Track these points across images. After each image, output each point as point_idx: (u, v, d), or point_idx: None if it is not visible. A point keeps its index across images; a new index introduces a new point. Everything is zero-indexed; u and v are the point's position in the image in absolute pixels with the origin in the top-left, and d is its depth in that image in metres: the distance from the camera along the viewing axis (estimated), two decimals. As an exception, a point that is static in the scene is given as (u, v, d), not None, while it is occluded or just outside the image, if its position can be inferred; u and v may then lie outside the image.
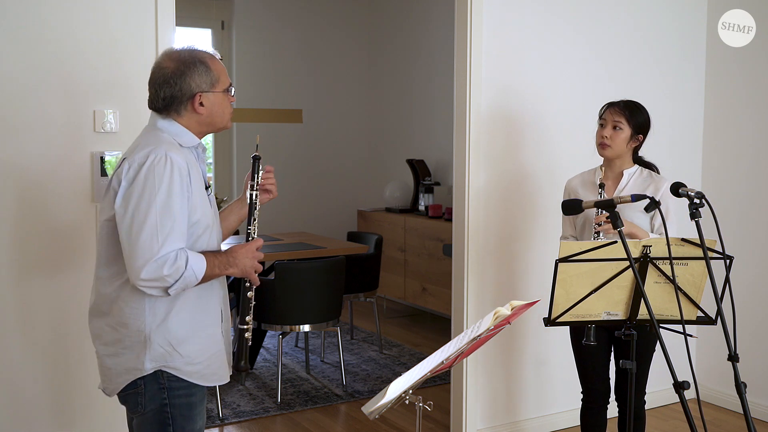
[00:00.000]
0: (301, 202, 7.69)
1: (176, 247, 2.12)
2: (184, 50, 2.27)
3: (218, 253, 2.27)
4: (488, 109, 3.92)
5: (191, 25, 7.33)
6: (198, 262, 2.16)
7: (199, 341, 2.27)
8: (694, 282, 2.66)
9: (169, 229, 2.10)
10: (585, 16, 4.20)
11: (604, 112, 3.24)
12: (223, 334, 2.38)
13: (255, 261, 2.30)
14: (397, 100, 7.69)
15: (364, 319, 6.77)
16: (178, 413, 2.25)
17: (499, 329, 2.21)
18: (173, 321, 2.22)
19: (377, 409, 2.10)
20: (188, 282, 2.15)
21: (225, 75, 2.30)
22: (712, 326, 2.75)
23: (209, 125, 2.31)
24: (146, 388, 2.22)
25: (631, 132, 3.18)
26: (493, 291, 4.02)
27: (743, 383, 2.28)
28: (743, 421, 2.31)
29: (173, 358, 2.22)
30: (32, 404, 3.11)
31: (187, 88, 2.22)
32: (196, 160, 2.29)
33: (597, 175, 3.26)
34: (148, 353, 2.20)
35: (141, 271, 2.08)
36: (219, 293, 2.36)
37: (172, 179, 2.12)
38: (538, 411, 4.24)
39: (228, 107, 2.32)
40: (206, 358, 2.29)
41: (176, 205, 2.12)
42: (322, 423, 4.40)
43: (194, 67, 2.22)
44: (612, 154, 3.20)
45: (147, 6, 3.19)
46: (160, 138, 2.21)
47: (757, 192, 4.43)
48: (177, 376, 2.23)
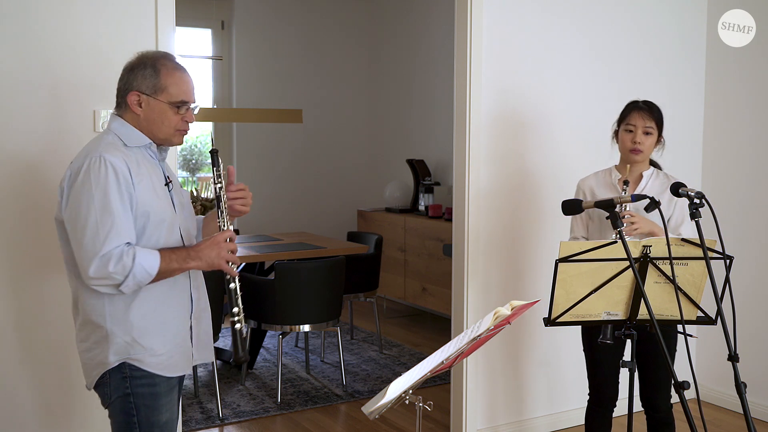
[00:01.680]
0: (301, 202, 7.69)
1: (119, 243, 2.14)
2: (153, 52, 2.35)
3: (177, 248, 2.29)
4: (488, 109, 3.92)
5: (191, 25, 7.33)
6: (148, 258, 2.18)
7: (161, 333, 2.31)
8: (694, 282, 2.66)
9: (109, 226, 2.14)
10: (585, 16, 4.20)
11: (629, 115, 3.16)
12: (192, 325, 2.41)
13: (224, 251, 2.29)
14: (397, 100, 7.69)
15: (364, 319, 6.77)
16: (142, 403, 2.29)
17: (499, 329, 2.21)
18: (134, 314, 2.25)
19: (377, 409, 2.10)
20: (140, 279, 2.17)
21: (180, 89, 2.29)
22: (712, 326, 2.75)
23: (149, 131, 2.31)
24: (111, 378, 2.28)
25: (658, 135, 3.16)
26: (493, 291, 4.02)
27: (743, 383, 2.28)
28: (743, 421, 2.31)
29: (135, 350, 2.26)
30: (25, 405, 3.10)
31: (129, 83, 2.28)
32: (152, 158, 2.33)
33: (614, 176, 3.24)
34: (111, 347, 2.25)
35: (88, 270, 2.14)
36: (186, 284, 2.38)
37: (108, 179, 2.15)
38: (538, 411, 4.24)
39: (172, 122, 2.30)
40: (168, 350, 2.32)
41: (114, 203, 2.15)
42: (322, 423, 4.40)
43: (143, 68, 2.27)
44: (643, 159, 3.16)
45: (147, 6, 3.19)
46: (103, 141, 2.26)
47: (757, 192, 4.43)
48: (139, 367, 2.27)
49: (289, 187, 7.65)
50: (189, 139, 7.70)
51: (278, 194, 7.58)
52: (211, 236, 2.34)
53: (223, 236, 2.31)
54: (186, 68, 2.35)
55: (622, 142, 3.20)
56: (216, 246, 2.29)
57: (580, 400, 4.31)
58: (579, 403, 4.30)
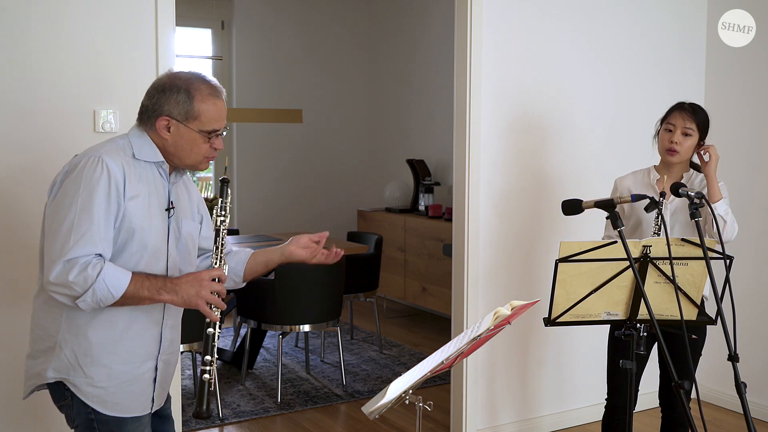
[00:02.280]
0: (301, 202, 7.69)
1: (90, 252, 1.98)
2: (186, 74, 2.17)
3: (154, 276, 2.09)
4: (488, 109, 3.92)
5: (191, 25, 7.33)
6: (116, 276, 1.99)
7: (109, 365, 2.11)
8: (694, 282, 2.66)
9: (84, 230, 1.98)
10: (585, 16, 4.20)
11: (671, 114, 3.13)
12: (158, 366, 2.22)
13: (206, 291, 2.08)
14: (397, 100, 7.69)
15: (364, 319, 6.77)
16: (107, 429, 2.14)
17: (499, 329, 2.21)
18: (88, 335, 2.08)
19: (377, 409, 2.10)
20: (101, 296, 1.98)
21: (213, 118, 2.13)
22: (712, 326, 2.75)
23: (174, 156, 2.16)
24: (74, 400, 2.12)
25: (698, 138, 3.12)
26: (493, 291, 4.02)
27: (743, 383, 2.28)
28: (743, 421, 2.31)
29: (76, 374, 2.09)
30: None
31: (159, 106, 2.12)
32: (161, 178, 2.18)
33: (652, 176, 3.21)
34: (53, 361, 2.09)
35: (50, 272, 1.97)
36: (158, 320, 2.19)
37: (98, 182, 2.01)
38: (539, 411, 4.24)
39: (201, 150, 2.15)
40: (111, 385, 2.13)
41: (97, 208, 2.00)
42: (322, 423, 4.40)
43: (176, 92, 2.11)
44: (679, 160, 3.11)
45: (147, 6, 3.19)
46: (111, 143, 2.14)
47: (756, 192, 4.43)
48: (74, 393, 2.10)
49: (289, 187, 7.65)
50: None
51: (278, 194, 7.58)
52: (196, 271, 2.16)
53: (210, 274, 2.11)
54: (222, 92, 2.19)
55: (660, 141, 3.16)
56: (197, 283, 2.09)
57: (580, 400, 4.32)
58: (579, 403, 4.31)
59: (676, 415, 3.16)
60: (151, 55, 3.18)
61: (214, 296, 2.11)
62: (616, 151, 4.31)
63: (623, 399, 3.12)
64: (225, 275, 2.17)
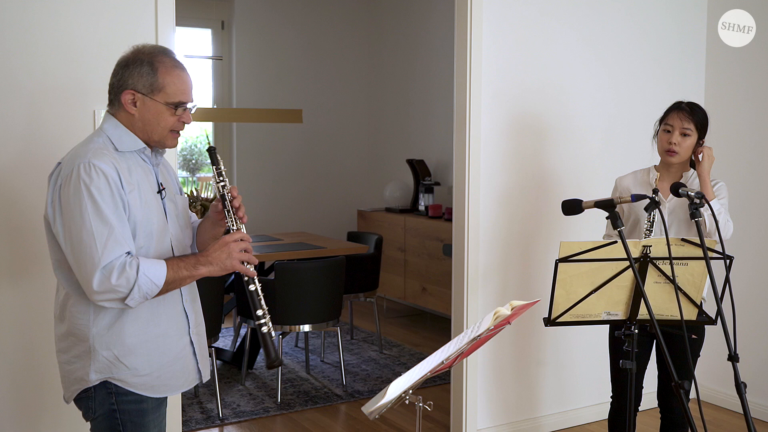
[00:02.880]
0: (301, 202, 7.69)
1: (120, 253, 2.02)
2: (150, 47, 2.18)
3: (185, 256, 2.17)
4: (488, 109, 3.92)
5: (191, 25, 7.33)
6: (154, 267, 2.06)
7: (147, 352, 2.18)
8: (694, 282, 2.66)
9: (106, 235, 2.01)
10: (585, 16, 4.20)
11: (669, 115, 3.13)
12: (192, 340, 2.29)
13: (237, 252, 2.15)
14: (397, 100, 7.69)
15: (364, 319, 6.77)
16: (129, 419, 2.18)
17: (499, 329, 2.21)
18: (120, 331, 2.13)
19: (377, 409, 2.10)
20: (146, 290, 2.04)
21: (178, 89, 2.15)
22: (712, 326, 2.75)
23: (142, 132, 2.17)
24: (95, 392, 2.17)
25: (697, 138, 3.11)
26: (493, 291, 4.02)
27: (743, 383, 2.28)
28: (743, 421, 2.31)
29: (119, 370, 2.14)
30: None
31: (124, 81, 2.13)
32: (146, 163, 2.21)
33: (652, 176, 3.20)
34: (92, 364, 2.13)
35: (92, 284, 2.01)
36: (177, 300, 2.25)
37: (99, 186, 2.03)
38: (539, 411, 4.24)
39: (168, 122, 2.17)
40: (155, 369, 2.20)
41: (107, 211, 2.03)
42: (322, 423, 4.40)
43: (139, 65, 2.12)
44: (678, 160, 3.11)
45: (147, 6, 3.19)
46: (92, 144, 2.13)
47: (756, 192, 4.43)
48: (123, 387, 2.16)
49: (289, 187, 7.65)
50: (189, 139, 7.70)
51: (278, 194, 7.58)
52: (221, 238, 2.19)
53: (233, 237, 2.17)
54: (184, 65, 2.21)
55: (659, 141, 3.16)
56: (226, 247, 2.15)
57: (581, 399, 4.32)
58: (580, 402, 4.31)
59: (675, 417, 3.16)
60: (151, 55, 3.17)
61: (245, 254, 2.17)
62: (616, 150, 4.31)
63: (626, 397, 3.15)
64: (247, 235, 2.21)
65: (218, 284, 4.40)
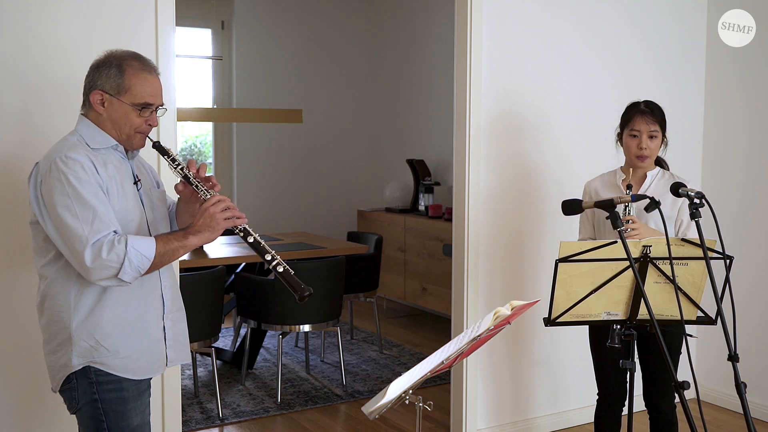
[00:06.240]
0: (301, 202, 7.69)
1: (106, 230, 2.11)
2: (122, 51, 2.29)
3: (174, 231, 2.29)
4: (488, 109, 3.92)
5: (191, 25, 7.33)
6: (143, 241, 2.15)
7: (126, 335, 2.26)
8: (694, 282, 2.66)
9: (91, 216, 2.11)
10: (585, 16, 4.20)
11: (633, 120, 3.10)
12: (165, 326, 2.37)
13: (219, 213, 2.23)
14: (397, 100, 7.69)
15: (364, 319, 6.77)
16: (110, 408, 2.26)
17: (499, 329, 2.21)
18: (99, 317, 2.22)
19: (377, 409, 2.10)
20: (138, 264, 2.13)
21: (144, 91, 2.25)
22: (712, 326, 2.75)
23: (111, 131, 2.27)
24: (78, 382, 2.25)
25: (662, 135, 3.12)
26: (493, 291, 4.02)
27: (743, 383, 2.28)
28: (743, 421, 2.31)
29: (99, 353, 2.23)
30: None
31: (93, 82, 2.26)
32: (121, 158, 2.30)
33: (618, 177, 3.21)
34: (74, 349, 2.21)
35: (85, 262, 2.09)
36: (156, 284, 2.34)
37: (77, 174, 2.12)
38: (539, 411, 4.24)
39: (134, 123, 2.26)
40: (134, 352, 2.28)
41: (88, 195, 2.12)
42: (322, 423, 4.40)
43: (108, 67, 2.24)
44: (650, 163, 3.12)
45: (147, 6, 3.19)
46: (66, 142, 2.23)
47: (756, 192, 4.43)
48: (104, 370, 2.24)
49: (289, 187, 7.65)
50: (189, 139, 7.70)
51: (278, 194, 7.58)
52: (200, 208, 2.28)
53: (210, 202, 2.25)
54: (155, 69, 2.31)
55: (627, 147, 3.15)
56: (206, 212, 2.23)
57: (581, 399, 4.32)
58: (580, 402, 4.31)
59: (663, 416, 3.16)
60: (151, 55, 3.17)
61: (227, 211, 2.25)
62: (619, 150, 4.29)
63: (611, 395, 3.20)
64: (224, 197, 2.28)
65: (218, 284, 4.40)
